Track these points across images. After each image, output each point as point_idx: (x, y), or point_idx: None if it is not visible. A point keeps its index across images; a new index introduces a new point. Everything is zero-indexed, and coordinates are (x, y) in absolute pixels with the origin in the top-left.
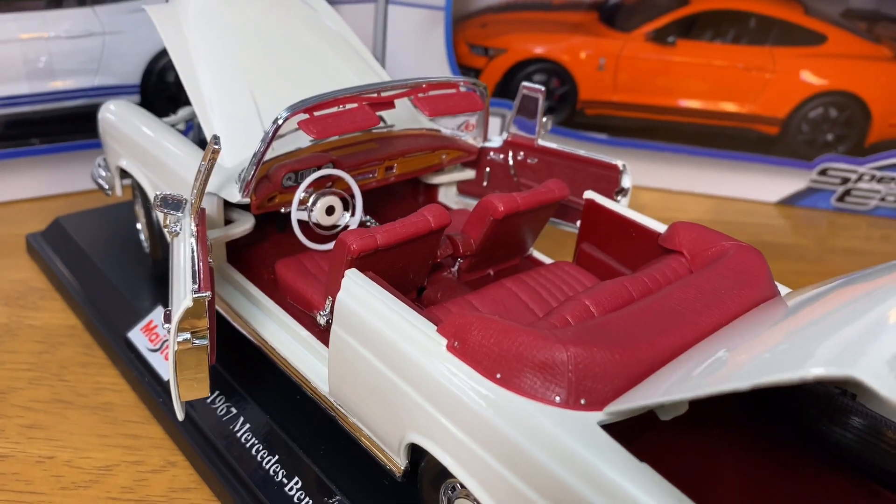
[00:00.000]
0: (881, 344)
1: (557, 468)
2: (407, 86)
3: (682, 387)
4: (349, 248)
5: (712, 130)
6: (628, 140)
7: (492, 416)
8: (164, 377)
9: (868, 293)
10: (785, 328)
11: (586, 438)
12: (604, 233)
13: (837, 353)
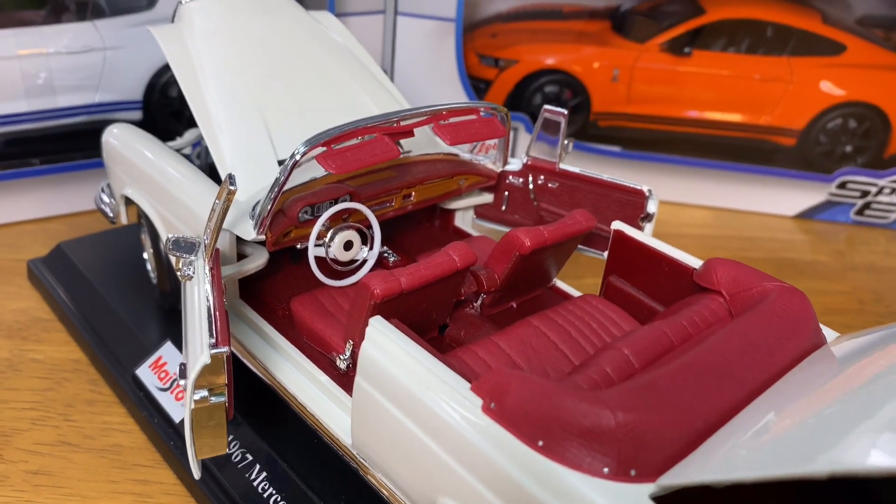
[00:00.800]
0: None
1: None
2: (426, 113)
3: (747, 464)
4: (373, 292)
5: (729, 142)
6: (642, 153)
7: (533, 487)
8: (175, 418)
9: None
10: (846, 395)
11: None
12: (633, 265)
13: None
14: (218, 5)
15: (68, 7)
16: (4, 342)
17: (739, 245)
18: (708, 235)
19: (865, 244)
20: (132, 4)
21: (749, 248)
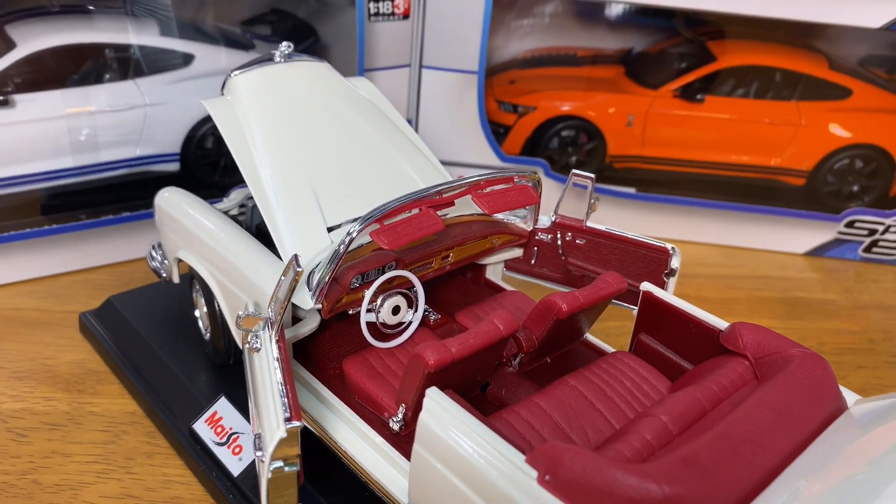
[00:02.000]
0: None
1: None
2: (466, 185)
3: None
4: (427, 363)
5: (740, 182)
6: (657, 195)
7: None
8: (234, 471)
9: None
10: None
11: None
12: (662, 325)
13: None
14: (263, 76)
15: (111, 66)
16: (63, 395)
17: (753, 284)
18: (722, 275)
19: (874, 281)
20: (169, 63)
21: (762, 287)
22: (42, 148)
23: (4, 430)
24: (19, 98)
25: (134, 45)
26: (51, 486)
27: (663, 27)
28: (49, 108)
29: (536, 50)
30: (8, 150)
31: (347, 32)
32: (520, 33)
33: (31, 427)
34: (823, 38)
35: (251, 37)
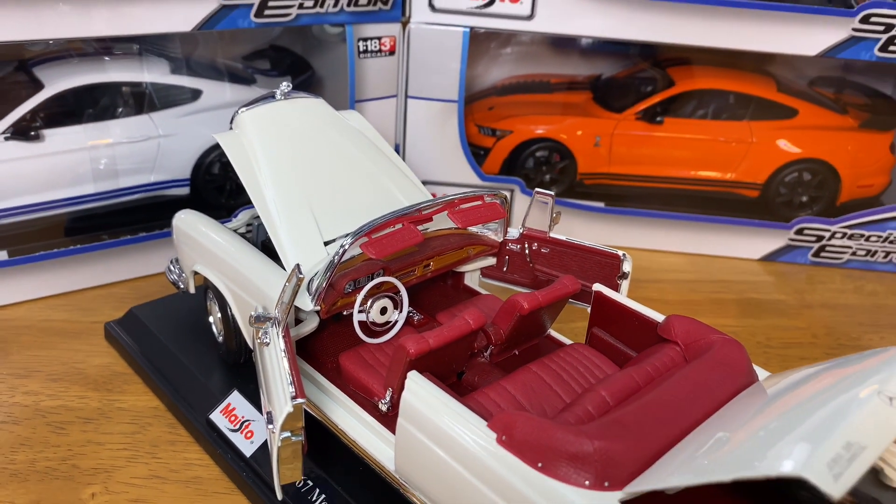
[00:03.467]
0: (829, 446)
1: None
2: (442, 203)
3: (682, 474)
4: (408, 351)
5: (700, 195)
6: (624, 208)
7: (535, 497)
8: (246, 453)
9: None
10: (760, 422)
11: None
12: (611, 320)
13: (793, 452)
14: (266, 112)
15: (127, 102)
16: (94, 394)
17: (712, 287)
18: (684, 280)
19: (822, 283)
20: (179, 98)
21: (721, 290)
22: (67, 176)
23: (44, 424)
24: (47, 133)
25: (147, 83)
26: (88, 469)
27: (631, 54)
28: (73, 141)
29: (513, 78)
30: (37, 179)
31: (340, 66)
32: (499, 62)
33: (67, 421)
34: (780, 63)
35: (252, 71)
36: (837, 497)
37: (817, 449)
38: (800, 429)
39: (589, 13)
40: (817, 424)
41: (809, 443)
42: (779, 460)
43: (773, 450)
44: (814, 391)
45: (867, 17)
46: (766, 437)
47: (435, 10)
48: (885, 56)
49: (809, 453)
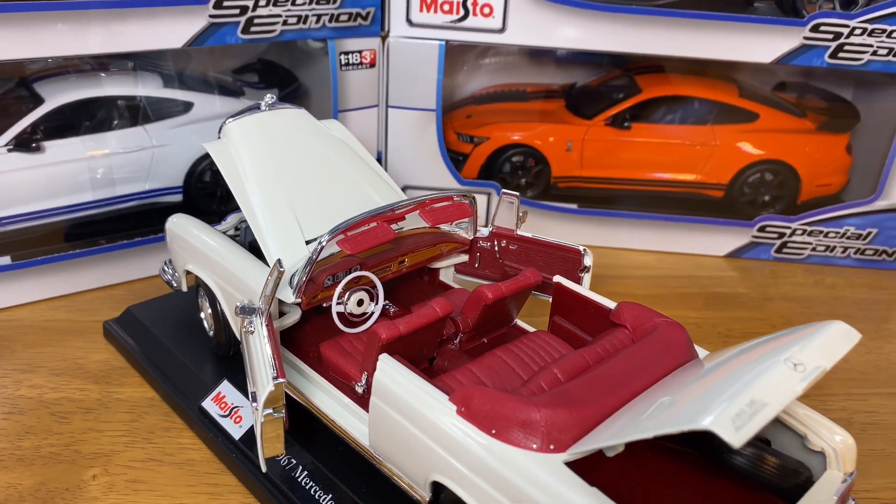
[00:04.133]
0: (735, 403)
1: (536, 494)
2: (413, 203)
3: (615, 436)
4: (380, 336)
5: (667, 196)
6: (596, 209)
7: (490, 459)
8: (235, 437)
9: (750, 360)
10: (689, 389)
11: (555, 473)
12: (570, 308)
13: (706, 411)
14: (252, 122)
15: (123, 115)
16: (94, 386)
17: (678, 283)
18: (652, 276)
19: (784, 277)
20: (172, 110)
21: (686, 285)
22: (66, 185)
23: (48, 414)
24: (47, 144)
25: (141, 97)
26: (89, 454)
27: (604, 64)
28: (72, 152)
29: (491, 87)
30: (39, 188)
31: (325, 78)
32: (478, 72)
33: (70, 411)
34: (746, 70)
35: (241, 84)
36: (738, 445)
37: (725, 406)
38: (717, 392)
39: (557, 26)
40: (730, 387)
41: (720, 402)
42: (692, 417)
43: (692, 410)
44: (739, 362)
45: (817, 27)
46: (690, 401)
47: (412, 24)
48: (835, 62)
49: (719, 411)
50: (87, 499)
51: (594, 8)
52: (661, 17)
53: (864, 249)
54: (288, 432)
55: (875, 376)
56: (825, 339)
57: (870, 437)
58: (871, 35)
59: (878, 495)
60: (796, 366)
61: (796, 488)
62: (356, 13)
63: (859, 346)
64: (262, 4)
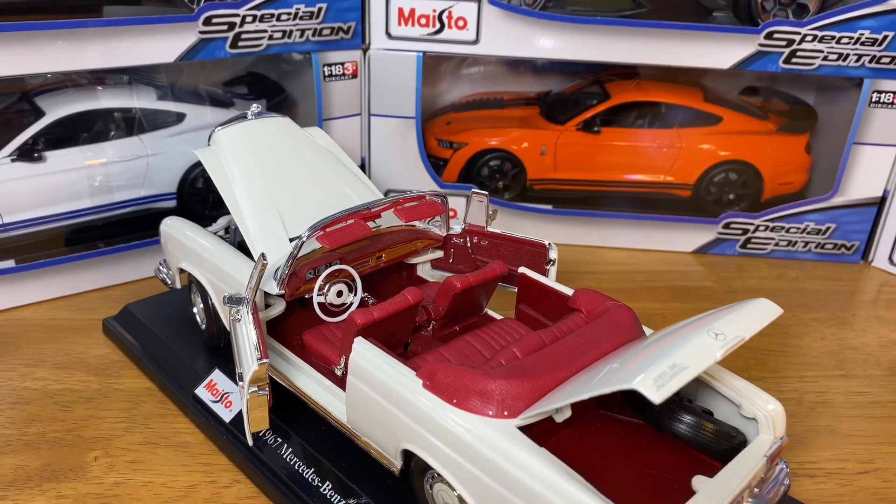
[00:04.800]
0: (659, 366)
1: (492, 455)
2: (388, 202)
3: (560, 399)
4: (356, 322)
5: (637, 196)
6: (569, 209)
7: (452, 426)
8: (226, 419)
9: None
10: (627, 360)
11: (508, 436)
12: (533, 297)
13: (634, 373)
14: (239, 130)
15: (119, 126)
16: (95, 378)
17: (646, 277)
18: (621, 271)
19: (748, 271)
20: (165, 121)
21: (654, 280)
22: (66, 193)
23: (52, 403)
24: (49, 154)
25: (136, 109)
26: (90, 438)
27: (578, 71)
28: (71, 161)
29: (471, 95)
30: (41, 196)
31: (310, 89)
32: (460, 82)
33: (72, 401)
34: (714, 75)
35: (231, 96)
36: (658, 401)
37: (650, 370)
38: (647, 359)
39: (527, 37)
40: (658, 354)
41: (646, 366)
42: (622, 380)
43: (623, 374)
44: (673, 336)
45: (771, 34)
46: (624, 367)
47: (391, 37)
48: (789, 67)
49: (644, 373)
50: (90, 478)
51: (562, 20)
52: (628, 28)
53: (823, 244)
54: (274, 415)
55: (827, 360)
56: (747, 313)
57: (818, 415)
58: (822, 41)
59: (822, 466)
60: (717, 335)
61: (732, 451)
62: (338, 27)
63: (813, 333)
64: (248, 21)
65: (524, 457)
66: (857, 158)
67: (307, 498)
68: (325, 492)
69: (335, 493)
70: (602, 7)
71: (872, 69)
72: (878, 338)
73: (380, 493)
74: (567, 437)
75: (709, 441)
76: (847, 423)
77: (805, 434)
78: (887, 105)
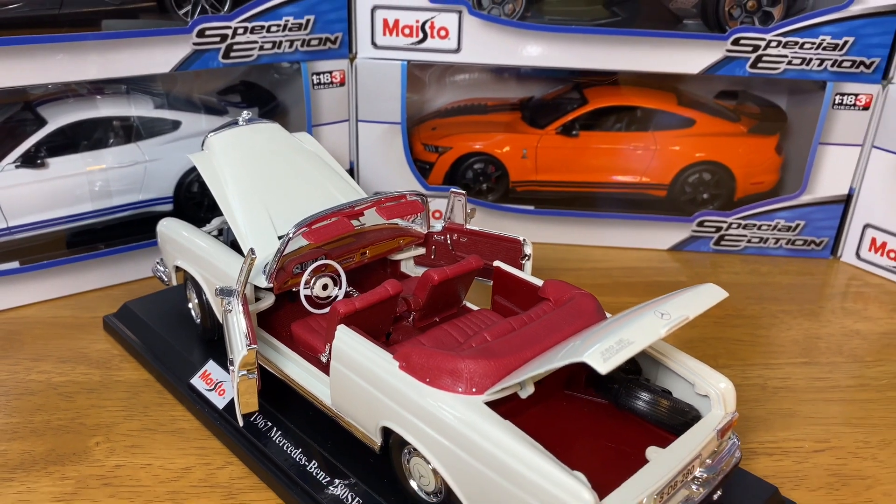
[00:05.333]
0: (608, 341)
1: (462, 428)
2: (370, 201)
3: (521, 374)
4: (339, 311)
5: (615, 196)
6: (550, 210)
7: (425, 403)
8: (219, 406)
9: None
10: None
11: (476, 410)
12: (507, 288)
13: (585, 348)
14: (231, 136)
15: (118, 133)
16: (96, 371)
17: (621, 273)
18: (598, 268)
19: (721, 266)
20: (162, 129)
21: (629, 275)
22: (68, 197)
23: (56, 394)
24: (51, 161)
25: (134, 117)
26: (92, 425)
27: (560, 78)
28: (73, 167)
29: (456, 102)
30: (43, 200)
31: (301, 97)
32: (447, 89)
33: (75, 391)
34: (691, 80)
35: (225, 104)
36: (604, 372)
37: (598, 345)
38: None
39: (506, 45)
40: (608, 332)
41: (596, 342)
42: (573, 354)
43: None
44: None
45: (737, 40)
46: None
47: (377, 47)
48: (756, 72)
49: (593, 348)
50: (92, 461)
51: (539, 29)
52: (603, 36)
53: (794, 240)
54: (265, 402)
55: (791, 349)
56: (694, 296)
57: (780, 399)
58: (786, 47)
59: (780, 445)
60: (663, 315)
61: (686, 425)
62: (326, 38)
63: (781, 324)
64: (240, 32)
65: (490, 429)
66: (823, 158)
67: (295, 476)
68: (311, 470)
69: (321, 471)
70: (578, 16)
71: (834, 72)
72: (841, 328)
73: (362, 470)
74: (535, 414)
75: (664, 416)
76: (807, 406)
77: (767, 416)
78: (850, 107)
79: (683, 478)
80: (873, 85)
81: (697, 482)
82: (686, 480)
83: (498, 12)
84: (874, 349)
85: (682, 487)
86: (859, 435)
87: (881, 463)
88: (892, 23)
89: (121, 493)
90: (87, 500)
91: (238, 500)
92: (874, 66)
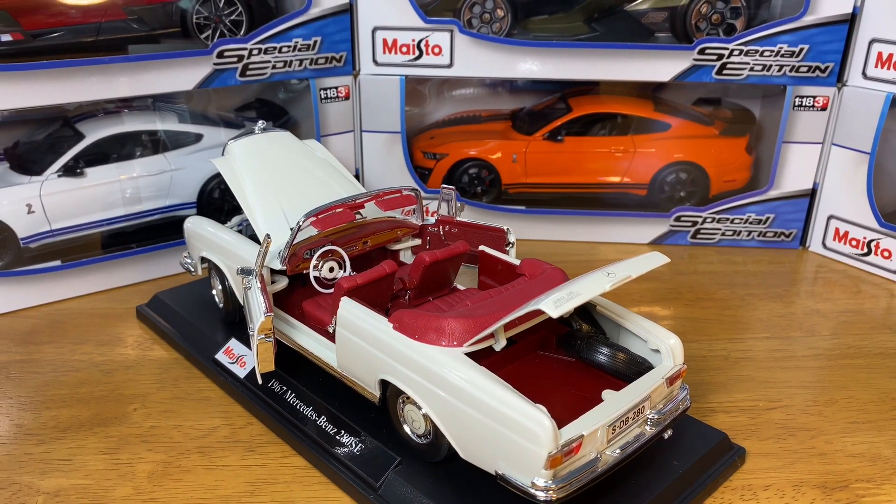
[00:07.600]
0: (560, 293)
1: (446, 374)
2: (369, 195)
3: (490, 328)
4: (342, 286)
5: (598, 196)
6: (540, 209)
7: (415, 355)
8: (241, 376)
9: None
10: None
11: (457, 359)
12: (491, 269)
13: (542, 299)
14: (249, 142)
15: (147, 146)
16: (132, 351)
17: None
18: (583, 261)
19: (697, 258)
20: (186, 141)
21: None
22: (103, 203)
23: (97, 371)
24: (88, 170)
25: (160, 131)
26: (130, 395)
27: (548, 90)
28: (107, 176)
29: (453, 114)
30: (82, 206)
31: (310, 110)
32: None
33: (113, 368)
34: (671, 89)
35: (242, 119)
36: (555, 316)
37: (553, 296)
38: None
39: (494, 60)
40: (562, 287)
41: (551, 294)
42: (531, 304)
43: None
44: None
45: (703, 49)
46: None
47: (378, 64)
48: (721, 78)
49: (548, 298)
50: (131, 423)
51: (525, 44)
52: (582, 49)
53: (765, 232)
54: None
55: (755, 326)
56: (639, 260)
57: (741, 367)
58: (748, 55)
59: (737, 405)
60: (609, 274)
61: (640, 374)
62: (331, 57)
63: (748, 306)
64: (255, 53)
65: (468, 372)
66: (787, 155)
67: (305, 428)
68: (320, 423)
69: (329, 425)
70: (560, 33)
71: (793, 77)
72: (803, 308)
73: (365, 423)
74: (510, 370)
75: (621, 367)
76: (764, 373)
77: (727, 382)
78: (809, 108)
79: (635, 416)
80: (829, 87)
81: (650, 422)
82: (637, 419)
83: (486, 30)
84: (831, 325)
85: (634, 425)
86: (809, 395)
87: (826, 418)
88: (842, 31)
89: (157, 447)
90: (128, 453)
91: (258, 452)
92: (829, 71)
